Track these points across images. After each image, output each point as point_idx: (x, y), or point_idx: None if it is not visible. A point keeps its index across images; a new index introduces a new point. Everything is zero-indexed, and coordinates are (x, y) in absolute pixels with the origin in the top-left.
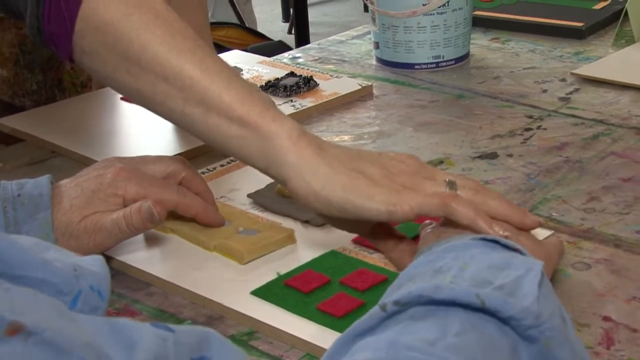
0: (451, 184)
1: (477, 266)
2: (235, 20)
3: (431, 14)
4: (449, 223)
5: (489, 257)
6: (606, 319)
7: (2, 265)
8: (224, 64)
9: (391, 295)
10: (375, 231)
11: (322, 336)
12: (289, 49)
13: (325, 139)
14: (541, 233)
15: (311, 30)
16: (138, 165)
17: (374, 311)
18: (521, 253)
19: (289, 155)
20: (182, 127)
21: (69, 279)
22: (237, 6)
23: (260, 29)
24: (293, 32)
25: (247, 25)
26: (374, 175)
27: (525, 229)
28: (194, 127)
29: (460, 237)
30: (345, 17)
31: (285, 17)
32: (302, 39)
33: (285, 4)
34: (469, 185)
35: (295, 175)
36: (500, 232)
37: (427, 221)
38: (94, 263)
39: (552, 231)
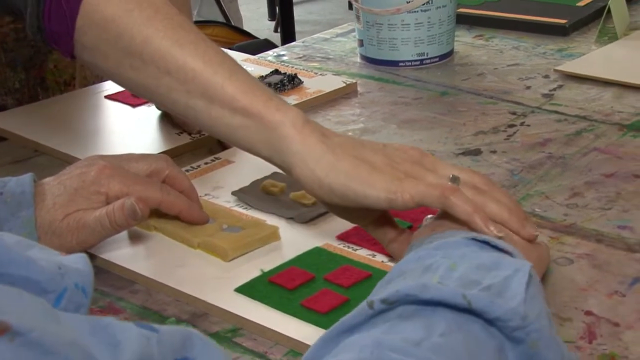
0: (454, 179)
1: (466, 266)
2: (221, 18)
3: (415, 12)
4: (446, 217)
5: (479, 257)
6: (588, 313)
7: None
8: (226, 56)
9: (380, 291)
10: (377, 222)
11: (306, 333)
12: (274, 47)
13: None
14: None
15: (297, 28)
16: (121, 163)
17: (361, 308)
18: (511, 255)
19: (293, 143)
20: (187, 118)
21: (54, 276)
22: (222, 5)
23: (246, 28)
24: (279, 30)
25: (233, 23)
26: (376, 163)
27: (521, 237)
28: (198, 118)
29: (453, 232)
30: (331, 15)
31: (271, 16)
32: (288, 37)
33: (271, 3)
34: (475, 181)
35: (300, 163)
36: (495, 232)
37: (430, 215)
38: (78, 261)
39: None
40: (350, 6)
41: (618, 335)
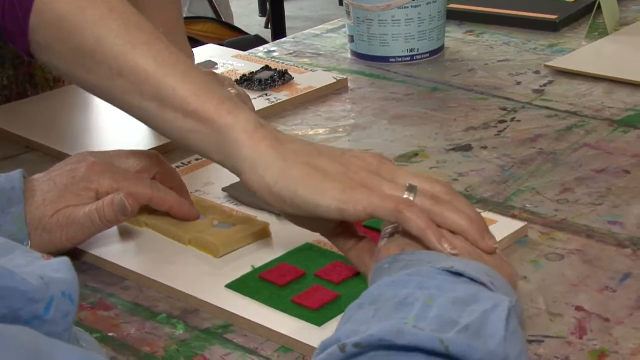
0: (411, 189)
1: (442, 301)
2: (212, 14)
3: (405, 7)
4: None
5: (455, 289)
6: (579, 309)
7: None
8: (180, 57)
9: (351, 325)
10: (336, 230)
11: (297, 329)
12: (265, 43)
13: (287, 133)
14: (515, 224)
15: (288, 24)
16: (112, 160)
17: (333, 351)
18: (486, 286)
19: (243, 148)
20: (141, 121)
21: (39, 286)
22: (213, 1)
23: (237, 24)
24: (270, 26)
25: (223, 19)
26: (330, 172)
27: (480, 249)
28: (152, 121)
29: (424, 256)
30: (322, 11)
31: (262, 12)
32: (279, 33)
33: None
34: (435, 191)
35: (250, 169)
36: (448, 250)
37: (390, 226)
38: (61, 267)
39: (526, 222)
40: (341, 2)
41: (609, 331)
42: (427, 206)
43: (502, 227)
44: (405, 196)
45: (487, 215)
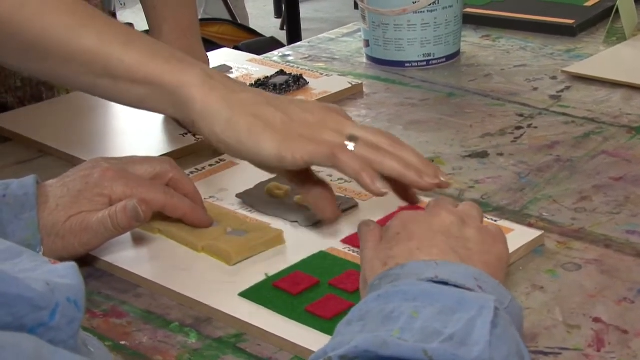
0: (351, 138)
1: (428, 312)
2: (227, 16)
3: (421, 12)
4: (393, 238)
5: (440, 299)
6: (597, 320)
7: None
8: (120, 27)
9: (339, 339)
10: (292, 173)
11: (310, 338)
12: (280, 45)
13: (239, 81)
14: (531, 233)
15: (303, 26)
16: (125, 166)
17: None
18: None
19: (195, 103)
20: (102, 97)
21: (44, 293)
22: (229, 2)
23: (252, 25)
24: (285, 28)
25: (239, 21)
26: (273, 122)
27: (423, 189)
28: (110, 95)
29: (413, 266)
30: (337, 12)
31: (278, 14)
32: (294, 35)
33: (278, 1)
34: (377, 140)
35: (200, 120)
36: (380, 190)
37: (366, 220)
38: (67, 273)
39: (542, 231)
40: (357, 5)
41: (627, 343)
42: (364, 153)
43: (519, 236)
44: (346, 143)
45: (503, 223)
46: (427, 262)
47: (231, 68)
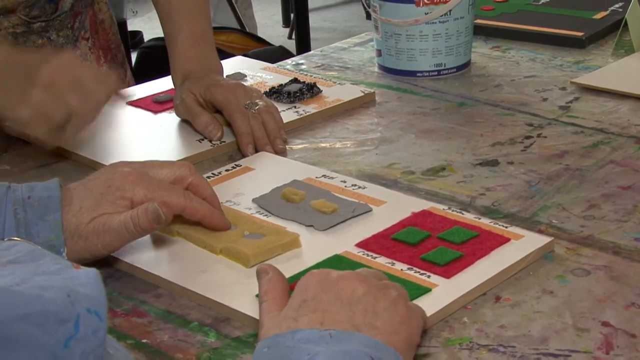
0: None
1: None
2: (236, 25)
3: (433, 23)
4: (299, 306)
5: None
6: (605, 324)
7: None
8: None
9: None
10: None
11: None
12: (289, 53)
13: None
14: (541, 239)
15: (311, 35)
16: (146, 170)
17: None
18: None
19: None
20: None
21: (65, 305)
22: (238, 11)
23: (260, 34)
24: (293, 37)
25: (247, 30)
26: None
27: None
28: None
29: (303, 339)
30: (345, 22)
31: (286, 23)
32: (303, 44)
33: (286, 10)
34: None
35: None
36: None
37: (264, 267)
38: (89, 281)
39: (552, 237)
40: (368, 16)
41: (635, 347)
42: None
43: (529, 242)
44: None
45: (513, 229)
46: (321, 332)
47: (245, 76)
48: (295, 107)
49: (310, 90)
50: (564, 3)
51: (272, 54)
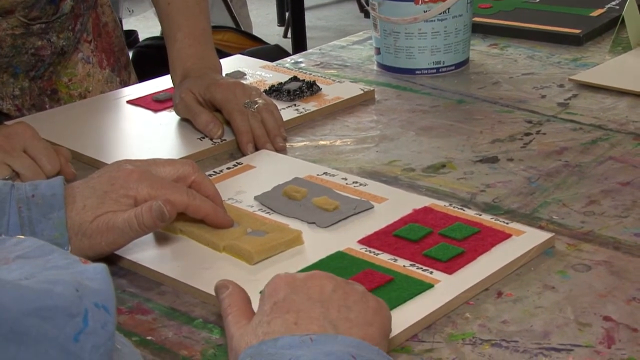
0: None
1: None
2: (231, 24)
3: (432, 21)
4: (271, 310)
5: None
6: (607, 318)
7: (9, 321)
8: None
9: None
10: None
11: None
12: (285, 52)
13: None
14: (542, 235)
15: (307, 34)
16: (149, 168)
17: None
18: None
19: None
20: None
21: (74, 299)
22: (233, 10)
23: (255, 33)
24: (288, 36)
25: (242, 29)
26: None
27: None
28: None
29: (286, 339)
30: (340, 21)
31: (280, 21)
32: (299, 43)
33: (281, 8)
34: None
35: None
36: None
37: (223, 283)
38: (97, 276)
39: (553, 233)
40: (366, 14)
41: (637, 341)
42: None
43: (530, 238)
44: None
45: (514, 226)
46: (302, 337)
47: (245, 74)
48: (295, 105)
49: (310, 88)
50: (561, 0)
51: (268, 53)
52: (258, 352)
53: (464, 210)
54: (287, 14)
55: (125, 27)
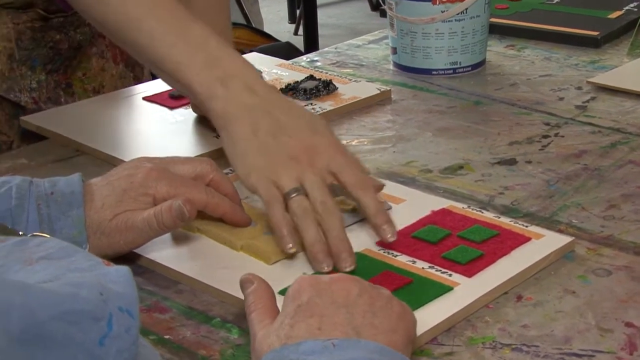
0: (296, 190)
1: None
2: (242, 21)
3: (449, 21)
4: (294, 312)
5: None
6: (629, 324)
7: (35, 326)
8: (171, 26)
9: None
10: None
11: None
12: (296, 50)
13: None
14: (562, 239)
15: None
16: (167, 166)
17: None
18: None
19: (217, 118)
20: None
21: (98, 303)
22: (244, 7)
23: (266, 30)
24: (299, 33)
25: (254, 25)
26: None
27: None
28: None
29: (308, 347)
30: (351, 19)
31: (292, 19)
32: (311, 41)
33: (292, 6)
34: (315, 197)
35: (220, 132)
36: (290, 251)
37: (248, 278)
38: (120, 279)
39: (573, 237)
40: (383, 13)
41: None
42: (293, 213)
43: (550, 242)
44: (288, 191)
45: (533, 229)
46: (325, 342)
47: (261, 72)
48: (311, 104)
49: (326, 88)
50: (578, 2)
51: (280, 50)
52: (279, 356)
53: (482, 212)
54: (297, 11)
55: None
